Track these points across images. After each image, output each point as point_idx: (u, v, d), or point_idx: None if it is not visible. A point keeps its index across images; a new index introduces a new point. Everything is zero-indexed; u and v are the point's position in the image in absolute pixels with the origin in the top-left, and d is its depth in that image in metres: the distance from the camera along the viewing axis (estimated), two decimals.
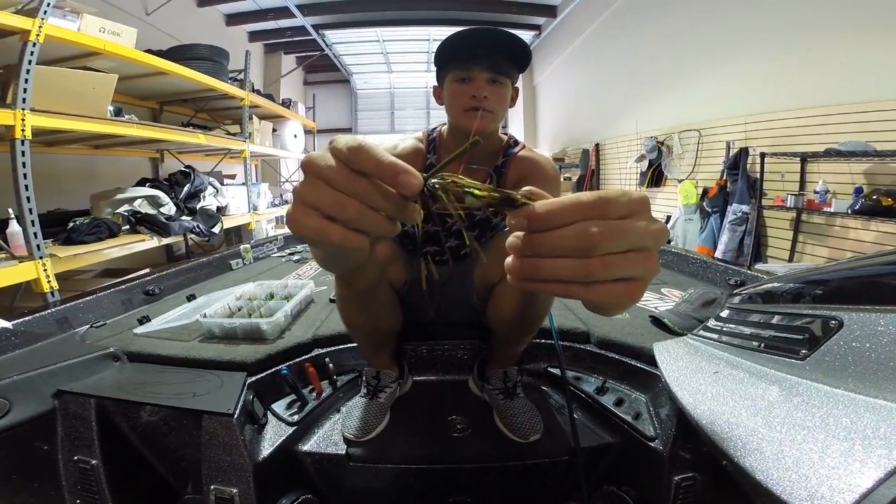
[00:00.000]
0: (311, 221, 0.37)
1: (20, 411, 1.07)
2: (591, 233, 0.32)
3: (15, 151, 2.24)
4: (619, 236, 0.33)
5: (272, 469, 1.11)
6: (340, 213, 0.36)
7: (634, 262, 0.34)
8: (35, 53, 2.30)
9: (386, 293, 1.21)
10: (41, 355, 1.29)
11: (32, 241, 2.32)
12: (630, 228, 0.33)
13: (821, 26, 3.28)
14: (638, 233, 0.33)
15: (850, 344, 0.64)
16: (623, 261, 0.33)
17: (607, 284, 0.34)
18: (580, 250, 0.33)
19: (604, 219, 0.33)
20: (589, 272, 0.33)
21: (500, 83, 1.11)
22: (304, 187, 0.37)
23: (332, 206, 0.36)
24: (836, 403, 0.60)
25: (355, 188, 0.36)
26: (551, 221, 0.33)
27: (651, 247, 0.34)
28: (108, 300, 1.74)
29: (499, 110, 1.13)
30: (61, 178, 3.80)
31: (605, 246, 0.33)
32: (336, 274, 1.02)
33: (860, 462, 0.51)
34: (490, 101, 1.10)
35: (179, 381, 1.20)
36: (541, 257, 0.34)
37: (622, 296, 0.35)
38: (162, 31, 5.21)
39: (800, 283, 0.90)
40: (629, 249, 0.34)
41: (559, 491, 1.21)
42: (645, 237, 0.34)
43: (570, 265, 0.33)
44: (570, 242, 0.33)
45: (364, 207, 0.37)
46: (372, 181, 0.36)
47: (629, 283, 0.34)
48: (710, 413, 0.73)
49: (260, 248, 3.02)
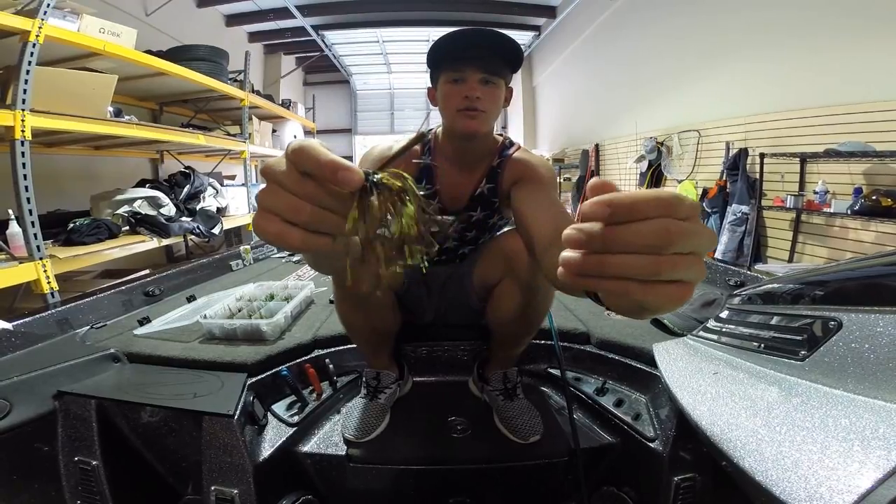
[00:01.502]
0: (272, 227, 0.38)
1: (21, 412, 1.07)
2: (669, 230, 0.32)
3: (15, 152, 2.23)
4: (690, 237, 0.32)
5: (272, 470, 1.11)
6: (295, 217, 0.37)
7: (693, 264, 0.33)
8: (35, 54, 2.29)
9: (383, 294, 1.21)
10: (41, 356, 1.29)
11: (32, 241, 2.31)
12: (698, 230, 0.33)
13: (820, 27, 3.28)
14: (703, 235, 0.33)
15: (850, 345, 0.64)
16: (685, 262, 0.33)
17: (665, 285, 0.33)
18: (654, 248, 0.32)
19: (678, 218, 0.32)
20: (658, 270, 0.32)
21: (493, 83, 1.10)
22: (263, 194, 0.38)
23: (287, 211, 0.37)
24: (836, 404, 0.60)
25: (305, 191, 0.37)
26: (635, 213, 0.32)
27: (703, 251, 0.34)
28: (108, 301, 1.74)
29: (492, 110, 1.12)
30: (61, 179, 3.80)
31: (678, 245, 0.32)
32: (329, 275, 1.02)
33: (859, 462, 0.51)
34: (483, 102, 1.09)
35: (180, 382, 1.20)
36: (611, 252, 0.33)
37: (675, 298, 0.34)
38: (162, 32, 5.21)
39: (799, 284, 0.90)
40: (691, 252, 0.33)
41: (559, 492, 1.21)
42: (705, 241, 0.33)
43: (640, 262, 0.32)
44: (649, 239, 0.32)
45: (316, 209, 0.37)
46: (319, 182, 0.37)
47: (683, 285, 0.34)
48: (709, 414, 0.73)
49: (260, 249, 3.02)
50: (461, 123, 1.10)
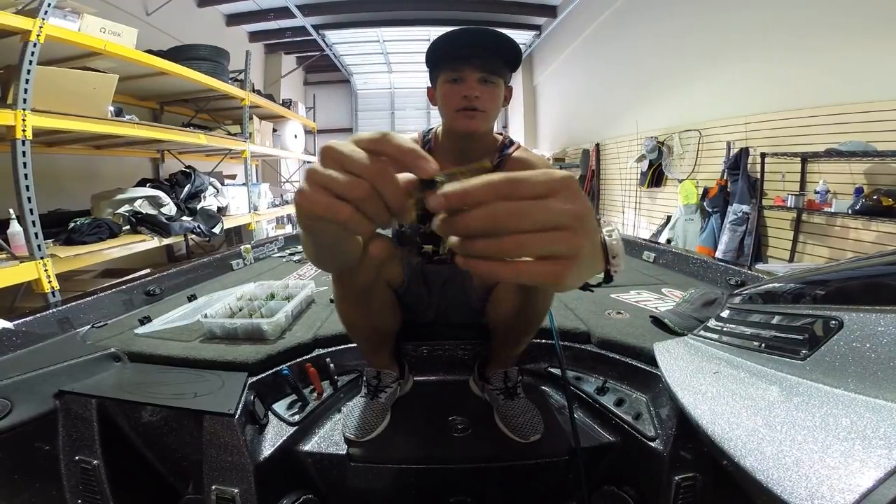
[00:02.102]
0: (322, 198, 0.38)
1: (22, 412, 1.07)
2: (496, 213, 0.33)
3: (16, 152, 2.24)
4: (528, 215, 0.33)
5: (273, 469, 1.11)
6: (351, 192, 0.37)
7: (552, 241, 0.34)
8: (36, 54, 2.30)
9: (384, 293, 1.22)
10: (42, 355, 1.29)
11: (33, 241, 2.32)
12: (539, 207, 0.33)
13: (821, 27, 3.28)
14: (549, 211, 0.33)
15: (851, 344, 0.64)
16: (537, 239, 0.34)
17: (531, 263, 0.35)
18: (491, 230, 0.34)
19: (515, 199, 0.33)
20: (502, 250, 0.34)
21: (493, 83, 1.11)
22: (317, 170, 0.39)
23: (344, 185, 0.37)
24: (837, 403, 0.60)
25: (370, 170, 0.37)
26: (465, 201, 0.34)
27: (571, 225, 0.34)
28: (108, 300, 1.74)
29: (491, 110, 1.12)
30: (62, 179, 3.80)
31: (513, 225, 0.33)
32: (331, 272, 1.02)
33: (860, 462, 0.51)
34: (482, 101, 1.09)
35: (180, 381, 1.20)
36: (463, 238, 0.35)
37: (545, 273, 0.35)
38: (162, 32, 5.21)
39: (800, 283, 0.90)
40: (545, 228, 0.34)
41: (560, 491, 1.21)
42: (559, 216, 0.34)
43: (486, 244, 0.34)
44: (480, 223, 0.33)
45: (373, 189, 0.38)
46: (386, 167, 0.38)
47: (553, 260, 0.35)
48: (710, 413, 0.73)
49: (260, 249, 3.02)
50: (460, 123, 1.11)
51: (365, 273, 1.05)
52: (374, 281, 1.12)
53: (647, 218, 5.87)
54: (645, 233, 5.72)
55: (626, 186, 6.15)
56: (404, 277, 1.29)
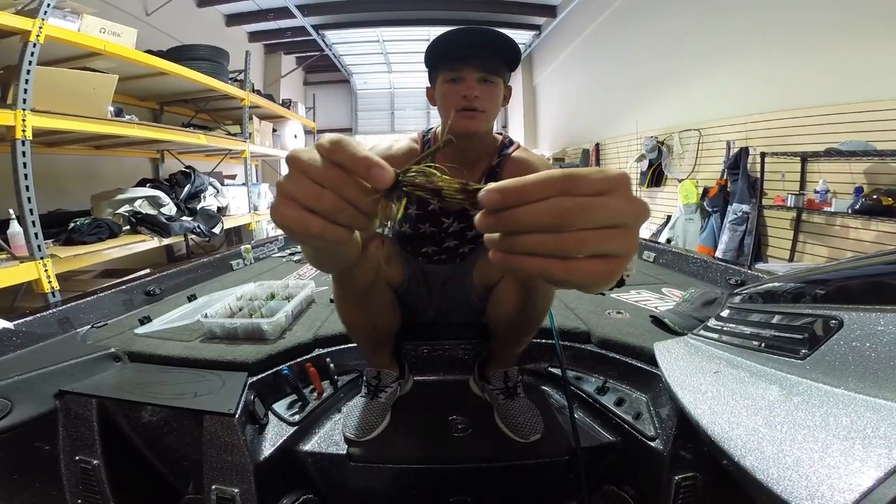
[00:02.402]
0: (291, 212, 0.38)
1: (22, 411, 1.07)
2: (563, 207, 0.32)
3: (16, 152, 2.24)
4: (591, 211, 0.33)
5: (273, 469, 1.11)
6: (317, 204, 0.37)
7: (610, 239, 0.34)
8: (35, 54, 2.30)
9: (383, 293, 1.22)
10: (42, 355, 1.29)
11: (33, 241, 2.32)
12: (603, 204, 0.33)
13: (821, 27, 3.28)
14: (612, 209, 0.33)
15: (850, 343, 0.64)
16: (598, 237, 0.33)
17: (585, 261, 0.34)
18: (553, 225, 0.33)
19: (577, 195, 0.33)
20: (563, 247, 0.33)
21: (492, 82, 1.11)
22: (286, 180, 0.38)
23: (309, 197, 0.37)
24: (837, 403, 0.60)
25: (331, 179, 0.37)
26: (525, 196, 0.33)
27: (629, 224, 0.34)
28: (109, 300, 1.74)
29: (491, 109, 1.12)
30: (62, 179, 3.80)
31: (578, 221, 0.32)
32: (330, 273, 1.02)
33: (860, 461, 0.51)
34: (481, 101, 1.09)
35: (181, 381, 1.20)
36: (515, 234, 0.34)
37: (600, 273, 0.34)
38: (162, 32, 5.21)
39: (800, 282, 0.90)
40: (605, 226, 0.33)
41: (560, 491, 1.21)
42: (620, 214, 0.33)
43: (545, 240, 0.33)
44: (543, 218, 0.33)
45: (339, 199, 0.37)
46: (347, 174, 0.37)
47: (607, 259, 0.34)
48: (710, 412, 0.73)
49: (260, 249, 3.02)
50: (460, 123, 1.11)
51: (364, 273, 1.05)
52: (374, 280, 1.12)
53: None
54: (645, 232, 5.71)
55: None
56: (404, 277, 1.29)
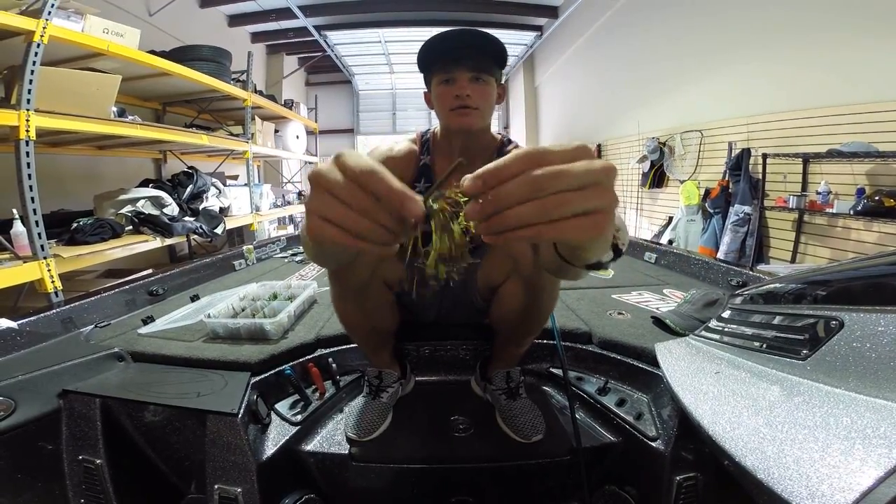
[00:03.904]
0: (329, 232, 0.42)
1: (25, 411, 1.08)
2: (537, 176, 0.37)
3: (19, 152, 2.24)
4: (563, 176, 0.37)
5: (276, 468, 1.12)
6: (353, 227, 0.41)
7: (588, 197, 0.38)
8: (39, 54, 2.30)
9: (380, 292, 1.22)
10: (46, 355, 1.30)
11: (37, 241, 2.33)
12: (573, 168, 0.38)
13: (822, 27, 3.29)
14: (582, 171, 0.38)
15: (851, 344, 0.64)
16: (576, 196, 0.38)
17: (572, 219, 0.38)
18: (533, 193, 0.37)
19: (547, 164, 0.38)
20: (546, 210, 0.38)
21: (484, 81, 1.13)
22: (317, 203, 0.41)
23: (345, 221, 0.41)
24: (837, 403, 0.61)
25: (366, 207, 0.40)
26: (502, 175, 0.38)
27: (602, 182, 0.39)
28: (112, 300, 1.75)
29: (484, 107, 1.15)
30: (64, 179, 3.81)
31: (554, 185, 0.37)
32: (328, 269, 1.03)
33: (860, 461, 0.51)
34: (474, 99, 1.12)
35: (183, 380, 1.21)
36: (503, 210, 0.39)
37: (587, 227, 0.39)
38: (165, 32, 5.22)
39: (801, 283, 0.90)
40: (580, 187, 0.38)
41: (561, 491, 1.21)
42: (591, 174, 0.38)
43: (530, 207, 0.38)
44: (522, 189, 0.37)
45: (373, 225, 0.41)
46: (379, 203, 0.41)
47: (591, 215, 0.39)
48: (711, 413, 0.73)
49: (262, 249, 3.03)
50: (455, 121, 1.14)
51: (360, 270, 1.07)
52: (370, 279, 1.13)
53: (648, 219, 5.87)
54: (646, 233, 5.71)
55: (628, 187, 6.15)
56: (402, 276, 1.30)
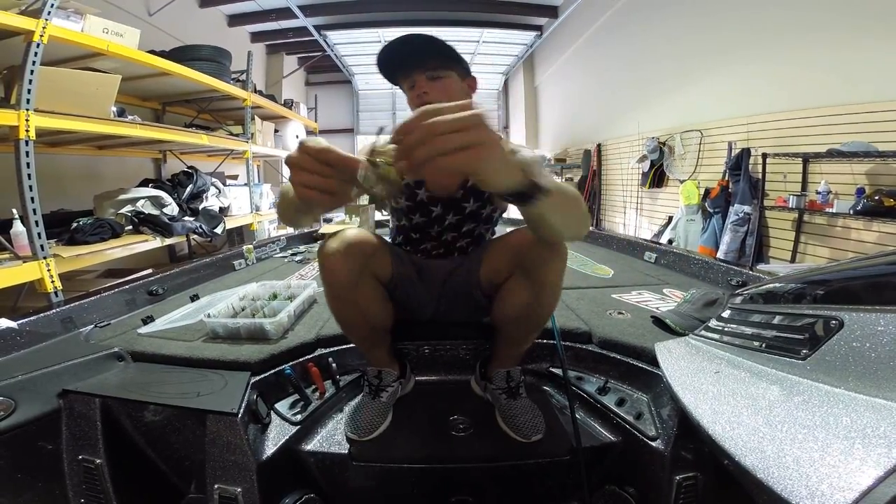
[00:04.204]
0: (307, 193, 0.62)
1: (25, 411, 1.08)
2: (425, 125, 0.56)
3: (19, 152, 2.25)
4: (441, 122, 0.56)
5: (276, 468, 1.12)
6: (319, 185, 0.62)
7: (465, 135, 0.56)
8: (39, 54, 2.31)
9: (371, 285, 1.23)
10: (46, 355, 1.30)
11: (36, 241, 2.33)
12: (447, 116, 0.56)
13: (822, 27, 3.29)
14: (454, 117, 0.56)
15: (851, 344, 0.64)
16: (456, 136, 0.56)
17: (458, 154, 0.56)
18: (425, 137, 0.56)
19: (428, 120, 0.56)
20: (436, 146, 0.56)
21: (440, 76, 1.21)
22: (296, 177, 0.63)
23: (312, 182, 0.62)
24: (837, 403, 0.61)
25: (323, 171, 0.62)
26: (407, 128, 0.57)
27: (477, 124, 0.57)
28: (111, 300, 1.74)
29: (445, 100, 1.16)
30: (64, 179, 3.82)
31: (438, 129, 0.56)
32: (295, 221, 1.10)
33: (860, 460, 0.51)
34: (431, 95, 1.20)
35: (183, 380, 1.21)
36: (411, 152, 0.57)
37: (473, 156, 0.57)
38: (164, 32, 5.22)
39: (801, 283, 0.90)
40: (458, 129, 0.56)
41: (561, 490, 1.22)
42: (462, 119, 0.56)
43: (426, 148, 0.56)
44: (418, 135, 0.56)
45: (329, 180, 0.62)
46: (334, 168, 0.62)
47: (471, 149, 0.57)
48: (711, 412, 0.74)
49: (262, 249, 3.03)
50: None
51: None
52: (361, 273, 1.16)
53: (648, 218, 5.87)
54: (646, 233, 5.72)
55: (628, 187, 6.16)
56: (392, 271, 1.30)
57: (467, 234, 1.37)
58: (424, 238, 1.39)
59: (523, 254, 1.11)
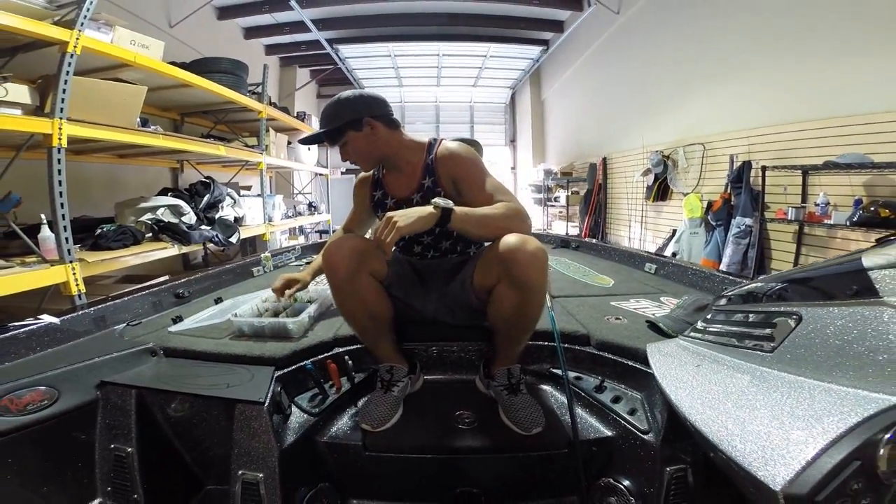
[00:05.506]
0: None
1: (67, 400, 1.19)
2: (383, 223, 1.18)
3: (52, 159, 2.34)
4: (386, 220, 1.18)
5: (295, 455, 1.21)
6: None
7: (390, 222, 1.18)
8: (73, 64, 2.41)
9: (368, 280, 1.38)
10: (85, 349, 1.40)
11: (63, 245, 2.42)
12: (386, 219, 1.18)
13: (820, 41, 3.37)
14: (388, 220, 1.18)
15: (808, 336, 0.74)
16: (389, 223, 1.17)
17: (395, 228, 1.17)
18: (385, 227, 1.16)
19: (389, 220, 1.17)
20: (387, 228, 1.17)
21: (342, 144, 1.45)
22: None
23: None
24: (794, 388, 0.70)
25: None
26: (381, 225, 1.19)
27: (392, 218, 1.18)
28: (141, 301, 1.86)
29: (359, 157, 1.48)
30: (87, 186, 3.94)
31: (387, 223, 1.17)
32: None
33: (810, 435, 0.61)
34: (347, 156, 1.48)
35: (213, 373, 1.31)
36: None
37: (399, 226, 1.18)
38: (184, 44, 5.38)
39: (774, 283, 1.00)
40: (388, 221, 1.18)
41: (560, 482, 1.30)
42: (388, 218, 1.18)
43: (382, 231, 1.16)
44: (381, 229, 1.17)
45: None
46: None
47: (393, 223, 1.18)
48: (689, 398, 0.83)
49: (279, 257, 3.14)
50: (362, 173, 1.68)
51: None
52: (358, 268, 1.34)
53: (653, 231, 5.93)
54: (651, 246, 5.77)
55: (633, 200, 6.22)
56: (388, 269, 1.46)
57: (445, 235, 1.53)
58: (415, 242, 1.56)
59: (506, 261, 1.23)
